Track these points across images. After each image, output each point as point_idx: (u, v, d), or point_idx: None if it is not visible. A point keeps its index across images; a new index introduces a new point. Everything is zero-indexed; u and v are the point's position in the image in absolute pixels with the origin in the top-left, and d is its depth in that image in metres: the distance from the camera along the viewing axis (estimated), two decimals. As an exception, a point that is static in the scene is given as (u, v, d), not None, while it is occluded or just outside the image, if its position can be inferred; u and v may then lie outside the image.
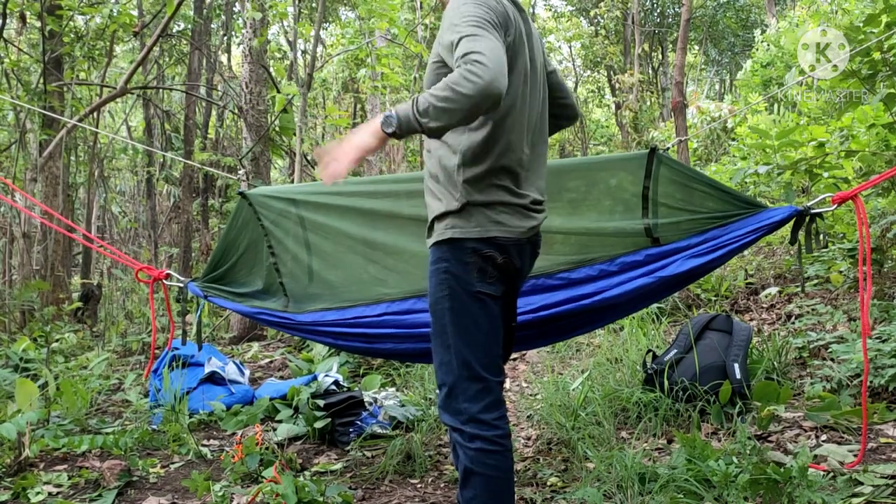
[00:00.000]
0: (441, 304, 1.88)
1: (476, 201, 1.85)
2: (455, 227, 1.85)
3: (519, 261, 1.94)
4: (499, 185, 1.87)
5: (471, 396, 1.84)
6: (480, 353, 1.86)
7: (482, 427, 1.82)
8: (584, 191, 2.75)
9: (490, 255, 1.85)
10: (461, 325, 1.86)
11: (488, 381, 1.86)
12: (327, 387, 3.69)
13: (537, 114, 2.00)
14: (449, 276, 1.86)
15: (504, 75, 1.63)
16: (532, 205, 1.95)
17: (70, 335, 5.83)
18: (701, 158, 9.91)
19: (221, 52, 12.21)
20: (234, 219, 3.04)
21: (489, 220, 1.85)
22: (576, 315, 2.62)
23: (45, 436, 3.25)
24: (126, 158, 11.67)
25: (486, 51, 1.62)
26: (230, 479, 2.88)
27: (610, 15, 18.54)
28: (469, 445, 1.82)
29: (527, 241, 1.96)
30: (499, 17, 1.78)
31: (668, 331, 4.70)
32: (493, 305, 1.89)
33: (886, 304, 3.92)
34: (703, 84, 21.75)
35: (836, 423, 2.89)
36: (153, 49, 7.86)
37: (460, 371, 1.85)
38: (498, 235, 1.85)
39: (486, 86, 1.59)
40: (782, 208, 2.43)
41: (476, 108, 1.62)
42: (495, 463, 1.82)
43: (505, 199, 1.88)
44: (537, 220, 1.98)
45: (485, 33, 1.68)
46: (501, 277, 1.90)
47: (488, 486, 1.81)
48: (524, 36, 1.92)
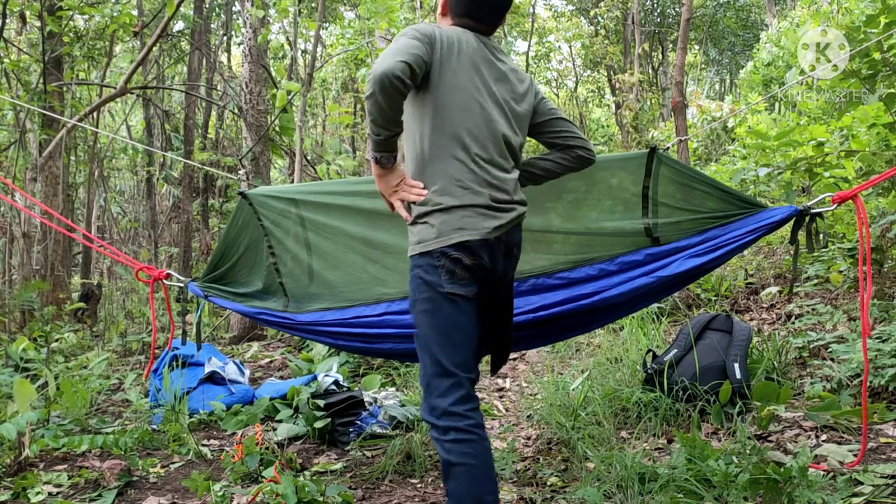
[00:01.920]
0: (416, 306, 2.00)
1: (437, 209, 1.95)
2: (421, 242, 1.97)
3: (489, 260, 1.99)
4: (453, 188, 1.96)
5: (442, 392, 1.92)
6: (452, 350, 1.94)
7: (454, 419, 1.90)
8: (584, 191, 2.74)
9: (457, 258, 1.93)
10: (434, 324, 1.96)
11: (459, 376, 1.94)
12: (327, 387, 3.69)
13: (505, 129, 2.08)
14: (422, 280, 1.97)
15: (394, 57, 1.81)
16: (495, 203, 2.00)
17: (70, 335, 5.83)
18: (701, 158, 9.91)
19: (221, 52, 12.22)
20: (234, 219, 3.04)
21: (452, 228, 1.94)
22: (576, 315, 2.62)
23: (45, 436, 3.25)
24: (126, 158, 11.66)
25: (379, 61, 1.83)
26: (230, 478, 2.88)
27: (610, 15, 18.54)
28: (444, 438, 1.90)
29: (496, 240, 2.00)
30: (423, 34, 1.95)
31: (668, 331, 4.70)
32: (465, 305, 1.97)
33: (886, 304, 3.92)
34: (703, 84, 21.74)
35: (836, 422, 2.89)
36: (153, 49, 7.85)
37: (433, 368, 1.95)
38: (463, 240, 1.94)
39: (375, 75, 1.80)
40: (782, 208, 2.43)
41: (379, 96, 1.81)
42: (471, 451, 1.88)
43: (465, 202, 1.95)
44: (503, 220, 2.01)
45: (392, 45, 1.89)
46: (473, 278, 1.97)
47: (468, 475, 1.87)
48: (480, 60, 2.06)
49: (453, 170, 1.97)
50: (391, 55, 1.83)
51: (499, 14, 2.15)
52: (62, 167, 6.82)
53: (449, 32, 2.02)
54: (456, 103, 1.98)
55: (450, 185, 1.96)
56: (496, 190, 2.01)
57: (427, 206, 1.97)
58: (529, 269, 2.74)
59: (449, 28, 2.06)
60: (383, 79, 1.79)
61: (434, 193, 1.97)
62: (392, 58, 1.82)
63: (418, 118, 2.01)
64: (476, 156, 1.99)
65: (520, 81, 2.17)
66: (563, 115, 2.30)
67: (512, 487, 2.73)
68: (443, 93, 1.97)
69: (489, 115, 2.03)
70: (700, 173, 2.67)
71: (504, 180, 2.05)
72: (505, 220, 2.01)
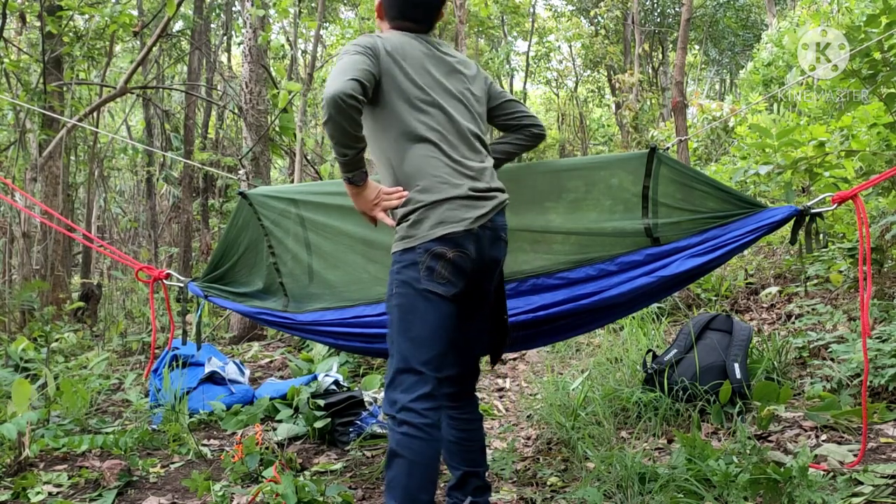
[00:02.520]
0: (391, 301, 2.03)
1: (420, 206, 1.98)
2: (405, 238, 2.00)
3: (476, 250, 2.02)
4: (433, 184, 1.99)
5: (406, 388, 1.96)
6: (422, 348, 1.97)
7: (411, 415, 1.93)
8: (584, 190, 2.74)
9: (440, 253, 1.96)
10: (406, 320, 1.99)
11: (425, 374, 1.97)
12: (327, 387, 3.69)
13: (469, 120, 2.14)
14: (400, 275, 2.00)
15: (343, 76, 1.86)
16: (475, 193, 2.03)
17: (70, 335, 5.83)
18: (701, 158, 9.91)
19: (221, 52, 12.22)
20: (234, 219, 3.04)
21: (434, 223, 1.96)
22: (575, 315, 2.62)
23: (45, 436, 3.25)
24: (126, 158, 11.66)
25: (328, 83, 1.88)
26: (230, 478, 2.87)
27: (610, 15, 18.54)
28: (397, 430, 1.94)
29: (481, 228, 2.02)
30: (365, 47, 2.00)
31: (668, 331, 4.70)
32: (442, 304, 1.99)
33: (886, 304, 3.92)
34: (703, 84, 21.74)
35: (836, 422, 2.89)
36: (153, 49, 7.85)
37: (400, 364, 1.98)
38: (446, 233, 1.96)
39: (328, 99, 1.84)
40: (782, 208, 2.43)
41: (337, 118, 1.84)
42: (418, 448, 1.92)
43: (447, 196, 1.98)
44: (485, 208, 2.04)
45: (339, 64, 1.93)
46: (455, 275, 1.99)
47: (409, 469, 1.91)
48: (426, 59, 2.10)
49: (429, 167, 2.01)
50: (339, 75, 1.87)
51: (432, 13, 2.20)
52: (62, 167, 6.82)
53: (391, 39, 2.07)
54: (413, 107, 2.02)
55: (429, 182, 1.99)
56: (474, 180, 2.05)
57: (409, 205, 2.00)
58: (529, 269, 2.73)
59: (389, 34, 2.11)
60: (336, 101, 1.83)
61: (416, 192, 2.00)
62: (341, 77, 1.86)
63: (380, 130, 2.06)
64: (446, 152, 2.03)
65: (468, 68, 2.22)
66: (513, 97, 2.39)
67: (512, 487, 2.73)
68: (397, 100, 2.02)
69: (449, 113, 2.08)
70: (700, 173, 2.66)
71: (480, 170, 2.08)
72: (487, 208, 2.05)
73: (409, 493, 1.90)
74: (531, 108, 24.93)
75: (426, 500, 1.93)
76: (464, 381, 2.29)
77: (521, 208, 2.64)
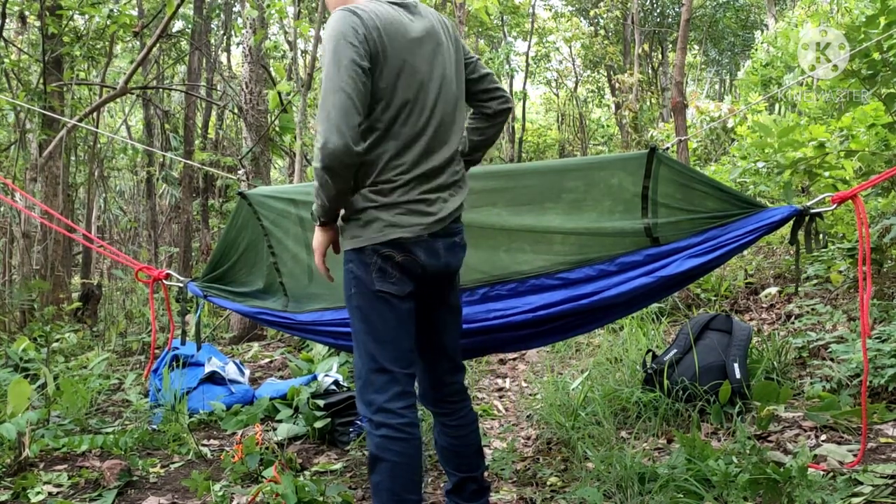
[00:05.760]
0: (349, 302, 2.01)
1: (370, 206, 1.92)
2: (354, 238, 1.96)
3: (427, 257, 1.97)
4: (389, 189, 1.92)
5: (378, 388, 1.94)
6: (387, 347, 1.96)
7: (388, 416, 1.92)
8: (584, 191, 2.74)
9: (389, 255, 1.93)
10: (367, 321, 1.97)
11: (395, 372, 1.95)
12: (327, 387, 3.69)
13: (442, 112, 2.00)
14: (353, 276, 1.97)
15: (343, 120, 1.77)
16: (430, 197, 1.96)
17: (70, 335, 5.83)
18: (701, 158, 9.91)
19: (221, 52, 12.22)
20: (233, 219, 3.04)
21: (385, 225, 1.92)
22: (575, 315, 2.62)
23: (45, 436, 3.25)
24: (126, 158, 11.67)
25: (324, 120, 1.79)
26: (230, 478, 2.88)
27: (610, 15, 18.55)
28: (375, 433, 1.92)
29: (432, 236, 1.97)
30: (356, 42, 1.83)
31: (668, 331, 4.70)
32: (397, 303, 1.96)
33: (886, 304, 3.92)
34: (702, 84, 21.75)
35: (835, 422, 2.89)
36: (153, 49, 7.85)
37: (368, 364, 1.96)
38: (396, 237, 1.92)
39: (325, 152, 1.77)
40: (782, 208, 2.43)
41: (330, 177, 1.80)
42: (399, 449, 1.90)
43: (397, 200, 1.92)
44: (439, 215, 1.97)
45: (332, 89, 1.79)
46: (405, 276, 1.95)
47: (393, 472, 1.90)
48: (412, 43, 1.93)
49: (384, 167, 1.92)
50: (340, 117, 1.77)
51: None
52: (62, 167, 6.82)
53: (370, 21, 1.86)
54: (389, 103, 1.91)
55: (381, 184, 1.92)
56: (430, 181, 1.96)
57: (359, 203, 1.93)
58: (529, 270, 2.73)
59: (366, 8, 1.89)
60: (333, 162, 1.78)
61: (367, 190, 1.92)
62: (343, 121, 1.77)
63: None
64: (406, 150, 1.93)
65: (444, 29, 2.07)
66: (488, 69, 2.21)
67: (512, 487, 2.73)
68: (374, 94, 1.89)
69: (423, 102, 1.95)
70: (700, 173, 2.66)
71: (439, 169, 1.99)
72: (441, 214, 1.97)
73: (396, 496, 1.89)
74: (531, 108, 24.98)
75: (415, 500, 1.92)
76: (445, 377, 2.20)
77: (520, 208, 2.64)
